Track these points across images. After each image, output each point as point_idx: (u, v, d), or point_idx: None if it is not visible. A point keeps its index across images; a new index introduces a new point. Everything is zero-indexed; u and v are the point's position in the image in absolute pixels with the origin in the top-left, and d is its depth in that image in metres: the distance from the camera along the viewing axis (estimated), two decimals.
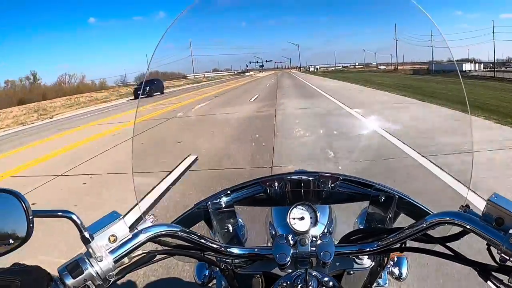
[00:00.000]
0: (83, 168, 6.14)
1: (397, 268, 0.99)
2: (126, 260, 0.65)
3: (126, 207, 3.49)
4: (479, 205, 0.95)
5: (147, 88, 5.75)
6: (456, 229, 0.68)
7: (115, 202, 4.16)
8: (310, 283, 0.69)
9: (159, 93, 11.01)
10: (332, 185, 0.92)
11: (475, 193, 3.13)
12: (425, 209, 0.84)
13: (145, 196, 3.47)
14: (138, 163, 1.07)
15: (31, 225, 0.57)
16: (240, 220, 0.96)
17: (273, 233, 0.88)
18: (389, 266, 0.98)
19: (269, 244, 0.89)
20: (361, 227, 0.91)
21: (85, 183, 5.21)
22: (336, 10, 1.76)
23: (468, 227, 0.63)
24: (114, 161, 6.20)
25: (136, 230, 0.67)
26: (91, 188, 4.98)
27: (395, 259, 0.99)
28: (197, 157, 4.73)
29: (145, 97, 6.51)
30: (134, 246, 0.65)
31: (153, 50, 1.00)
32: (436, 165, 4.31)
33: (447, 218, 0.66)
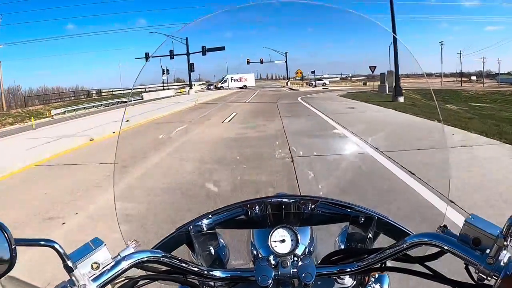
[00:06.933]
0: None
1: (379, 285, 1.00)
2: (109, 287, 0.66)
3: None
4: None
5: None
6: (435, 249, 0.70)
7: None
8: None
9: None
10: (312, 207, 0.94)
11: None
12: (404, 230, 0.87)
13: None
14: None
15: (14, 254, 0.56)
16: (222, 241, 0.96)
17: (255, 254, 0.88)
18: (370, 283, 0.99)
19: (252, 265, 0.89)
20: (342, 247, 0.93)
21: None
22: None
23: (446, 248, 0.66)
24: None
25: (118, 257, 0.67)
26: None
27: (376, 276, 1.01)
28: None
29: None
30: (117, 273, 0.65)
31: None
32: None
33: (426, 240, 0.68)
